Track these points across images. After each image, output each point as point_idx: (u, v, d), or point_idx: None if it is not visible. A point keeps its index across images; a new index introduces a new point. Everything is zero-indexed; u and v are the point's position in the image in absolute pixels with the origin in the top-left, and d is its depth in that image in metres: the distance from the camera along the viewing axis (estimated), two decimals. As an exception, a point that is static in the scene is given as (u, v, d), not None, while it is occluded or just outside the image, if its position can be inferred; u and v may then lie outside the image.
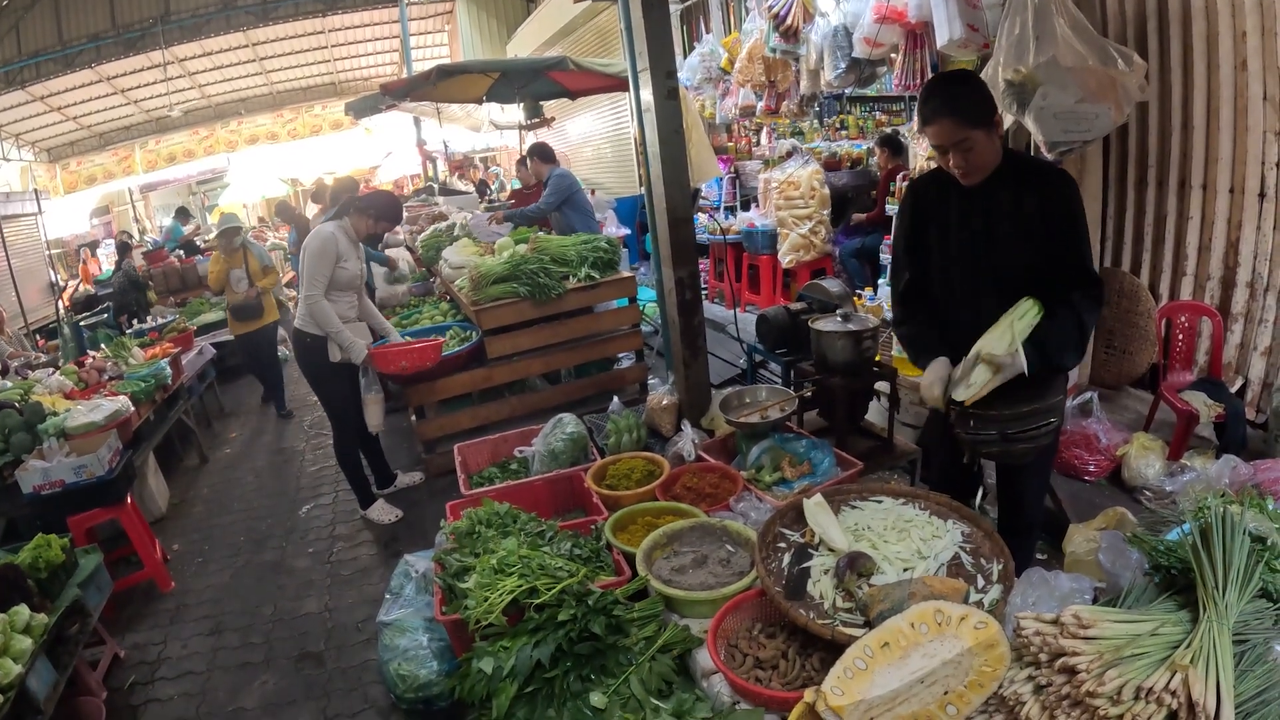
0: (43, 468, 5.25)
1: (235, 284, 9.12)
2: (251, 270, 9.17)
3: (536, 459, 5.03)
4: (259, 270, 9.26)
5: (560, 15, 16.27)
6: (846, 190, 9.80)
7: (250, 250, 9.28)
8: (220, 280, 9.24)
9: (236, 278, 9.10)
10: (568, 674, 2.90)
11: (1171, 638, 2.15)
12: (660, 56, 5.27)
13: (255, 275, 9.19)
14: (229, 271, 9.12)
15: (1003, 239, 3.21)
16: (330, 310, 5.62)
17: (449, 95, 11.13)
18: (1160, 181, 5.54)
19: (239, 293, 9.11)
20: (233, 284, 9.12)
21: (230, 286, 9.16)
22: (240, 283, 9.10)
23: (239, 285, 9.11)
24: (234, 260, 9.16)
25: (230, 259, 9.18)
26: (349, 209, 5.91)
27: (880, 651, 2.26)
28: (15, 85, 21.17)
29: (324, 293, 5.63)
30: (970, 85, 3.17)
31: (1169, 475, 4.50)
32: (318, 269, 5.64)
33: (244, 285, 9.10)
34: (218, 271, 9.24)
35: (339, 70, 28.23)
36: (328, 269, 5.63)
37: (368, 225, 5.89)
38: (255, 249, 9.43)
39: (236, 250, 9.17)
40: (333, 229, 5.78)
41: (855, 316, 4.54)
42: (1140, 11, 5.34)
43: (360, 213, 5.85)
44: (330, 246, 5.69)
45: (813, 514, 3.09)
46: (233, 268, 9.12)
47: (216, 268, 9.28)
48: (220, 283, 9.26)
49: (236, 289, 9.12)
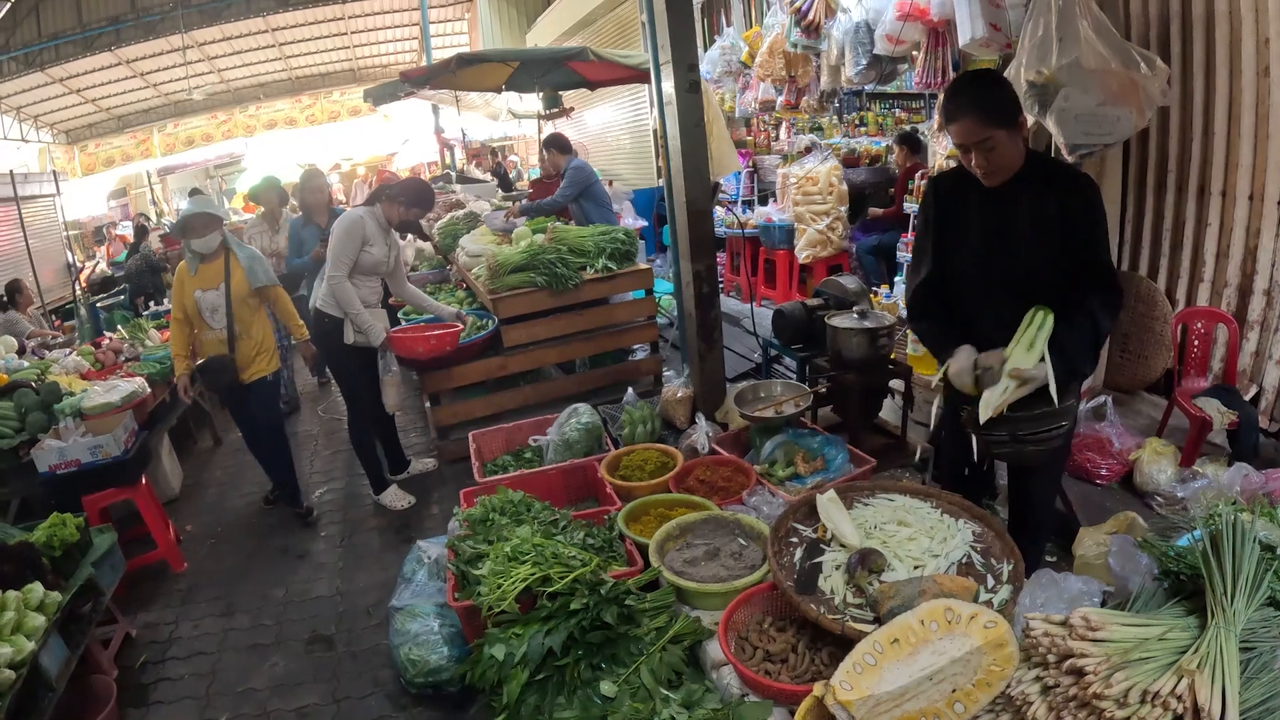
0: (59, 447, 5.30)
1: (209, 315, 5.75)
2: (235, 291, 5.78)
3: (551, 448, 5.06)
4: (245, 295, 5.82)
5: (580, 5, 16.26)
6: (864, 187, 9.80)
7: (235, 256, 5.84)
8: (182, 324, 5.85)
9: (207, 304, 5.73)
10: (579, 662, 2.93)
11: (1179, 643, 2.17)
12: (682, 50, 5.28)
13: (241, 305, 5.81)
14: (196, 297, 5.73)
15: (1023, 240, 3.21)
16: (353, 292, 5.68)
17: (468, 84, 11.17)
18: (1180, 186, 5.54)
19: (213, 330, 5.79)
20: (204, 315, 5.75)
21: (200, 323, 5.80)
22: (216, 314, 5.74)
23: (213, 320, 5.76)
24: (207, 275, 5.77)
25: (200, 274, 5.78)
26: (380, 195, 5.96)
27: (890, 648, 2.28)
28: (35, 67, 21.35)
29: (348, 274, 5.68)
30: (996, 85, 3.17)
31: (1181, 481, 4.50)
32: (344, 250, 5.71)
33: (220, 318, 5.76)
34: (177, 304, 5.84)
35: (358, 57, 28.28)
36: (354, 251, 5.69)
37: (399, 212, 5.94)
38: (245, 256, 5.92)
39: (214, 257, 5.79)
40: (362, 213, 5.87)
41: (871, 314, 4.56)
42: (1164, 14, 5.33)
43: (391, 200, 5.90)
44: (357, 229, 5.77)
45: (825, 510, 3.10)
46: (203, 288, 5.74)
47: (178, 296, 5.83)
48: (182, 333, 5.87)
49: (211, 323, 5.77)
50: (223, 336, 5.82)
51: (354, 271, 5.74)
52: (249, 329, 5.91)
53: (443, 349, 6.22)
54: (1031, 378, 3.00)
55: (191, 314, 5.82)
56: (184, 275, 5.82)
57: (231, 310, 5.79)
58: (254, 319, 5.94)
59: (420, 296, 6.67)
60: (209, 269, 5.79)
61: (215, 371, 5.84)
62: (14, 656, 3.39)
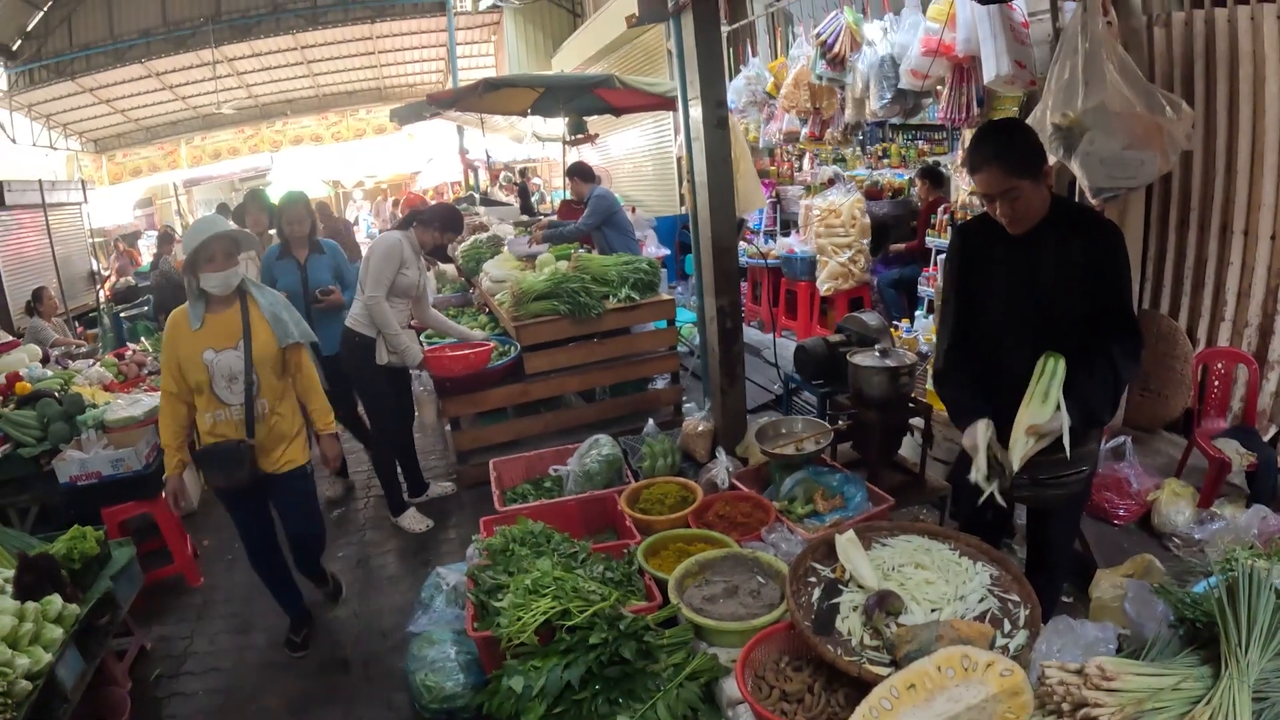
0: (80, 458, 5.38)
1: (223, 387, 4.30)
2: (260, 351, 4.35)
3: (571, 478, 5.08)
4: (273, 357, 4.41)
5: (606, 31, 16.37)
6: (887, 220, 9.80)
7: (256, 302, 4.42)
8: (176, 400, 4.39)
9: (223, 370, 4.26)
10: (596, 696, 2.95)
11: (1192, 693, 2.18)
12: (711, 85, 5.33)
13: (268, 371, 4.40)
14: (206, 360, 4.25)
15: (1047, 285, 3.23)
16: (391, 313, 5.79)
17: (494, 107, 11.24)
18: (1202, 225, 5.55)
19: (228, 407, 4.34)
20: (216, 386, 4.29)
21: (208, 397, 4.32)
22: (234, 384, 4.30)
23: (230, 393, 4.31)
24: (219, 329, 4.29)
25: (209, 328, 4.30)
26: (414, 220, 6.06)
27: (906, 693, 2.30)
28: (65, 76, 21.61)
29: (386, 295, 5.77)
30: (1020, 135, 3.19)
31: (1198, 523, 4.51)
32: (383, 271, 5.81)
33: (238, 391, 4.31)
34: (170, 370, 4.34)
35: (385, 76, 28.43)
36: (392, 272, 5.80)
37: (433, 237, 6.07)
38: (268, 301, 4.47)
39: (227, 304, 4.36)
40: (399, 236, 5.98)
41: (893, 352, 4.58)
42: (1188, 53, 5.36)
43: (425, 225, 6.02)
44: (396, 251, 5.88)
45: (844, 550, 3.12)
46: (214, 348, 4.26)
47: (170, 359, 4.33)
48: (177, 414, 4.42)
49: (226, 398, 4.31)
50: (240, 416, 4.35)
51: (390, 292, 5.82)
52: (277, 404, 4.50)
53: (479, 367, 6.34)
54: (1050, 432, 3.02)
55: (195, 384, 4.29)
56: (180, 329, 4.27)
57: (255, 379, 4.33)
58: (284, 390, 4.56)
59: (443, 320, 6.78)
60: (221, 321, 4.29)
61: (222, 462, 4.35)
62: (31, 667, 3.43)
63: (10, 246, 13.57)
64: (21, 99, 21.43)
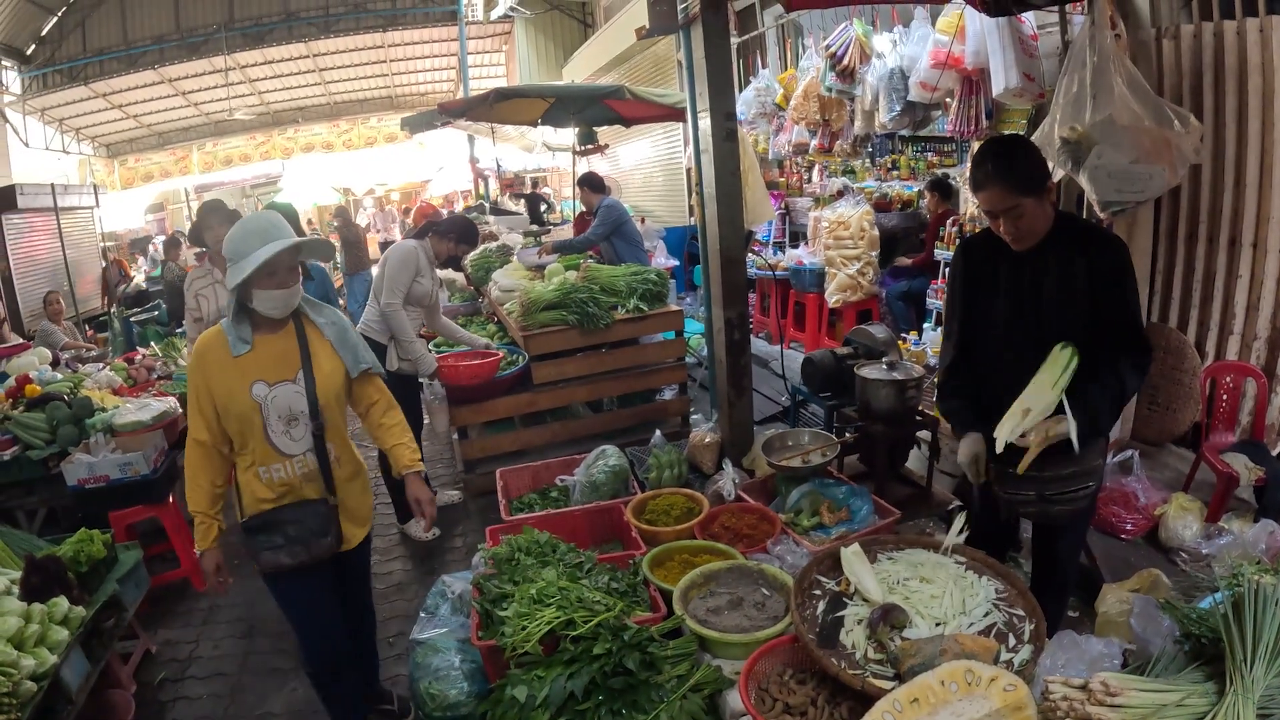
0: (88, 462, 5.39)
1: (280, 431, 3.44)
2: (326, 384, 3.53)
3: (577, 489, 5.08)
4: (341, 391, 3.62)
5: (617, 42, 16.38)
6: (896, 232, 9.81)
7: (313, 321, 3.60)
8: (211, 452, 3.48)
9: (281, 409, 3.43)
10: (599, 707, 2.94)
11: (1197, 709, 2.17)
12: (720, 98, 5.34)
13: (335, 409, 3.60)
14: (258, 397, 3.38)
15: (1051, 301, 3.25)
16: (407, 320, 5.86)
17: (505, 116, 11.26)
18: (1210, 238, 5.53)
19: (288, 459, 3.49)
20: (271, 431, 3.42)
21: (260, 444, 3.44)
22: (295, 426, 3.47)
23: (291, 439, 3.47)
24: (272, 357, 3.45)
25: (258, 355, 3.43)
26: (430, 230, 6.11)
27: (909, 707, 2.29)
28: (79, 81, 21.75)
29: (402, 303, 5.81)
30: (1023, 152, 3.22)
31: (1206, 538, 4.48)
32: (399, 278, 5.87)
33: (302, 435, 3.48)
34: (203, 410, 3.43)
35: (396, 85, 28.52)
36: (408, 280, 5.87)
37: (448, 248, 6.14)
38: (328, 319, 3.66)
39: (280, 324, 3.51)
40: (415, 245, 6.07)
41: (900, 365, 4.57)
42: (1196, 66, 5.35)
43: (441, 236, 6.11)
44: (411, 259, 5.96)
45: (849, 563, 3.12)
46: (267, 379, 3.41)
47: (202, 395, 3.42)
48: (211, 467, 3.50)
49: (285, 446, 3.47)
50: (311, 467, 3.52)
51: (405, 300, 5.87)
52: (342, 451, 3.69)
53: (489, 375, 6.37)
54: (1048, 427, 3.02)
55: (240, 430, 3.41)
56: (213, 357, 3.37)
57: (323, 419, 3.50)
58: (344, 434, 3.74)
59: (454, 328, 6.84)
60: (273, 345, 3.44)
61: (302, 530, 3.48)
62: (36, 669, 3.46)
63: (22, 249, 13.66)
64: (35, 103, 21.53)
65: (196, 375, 3.44)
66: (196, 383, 3.43)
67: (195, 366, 3.45)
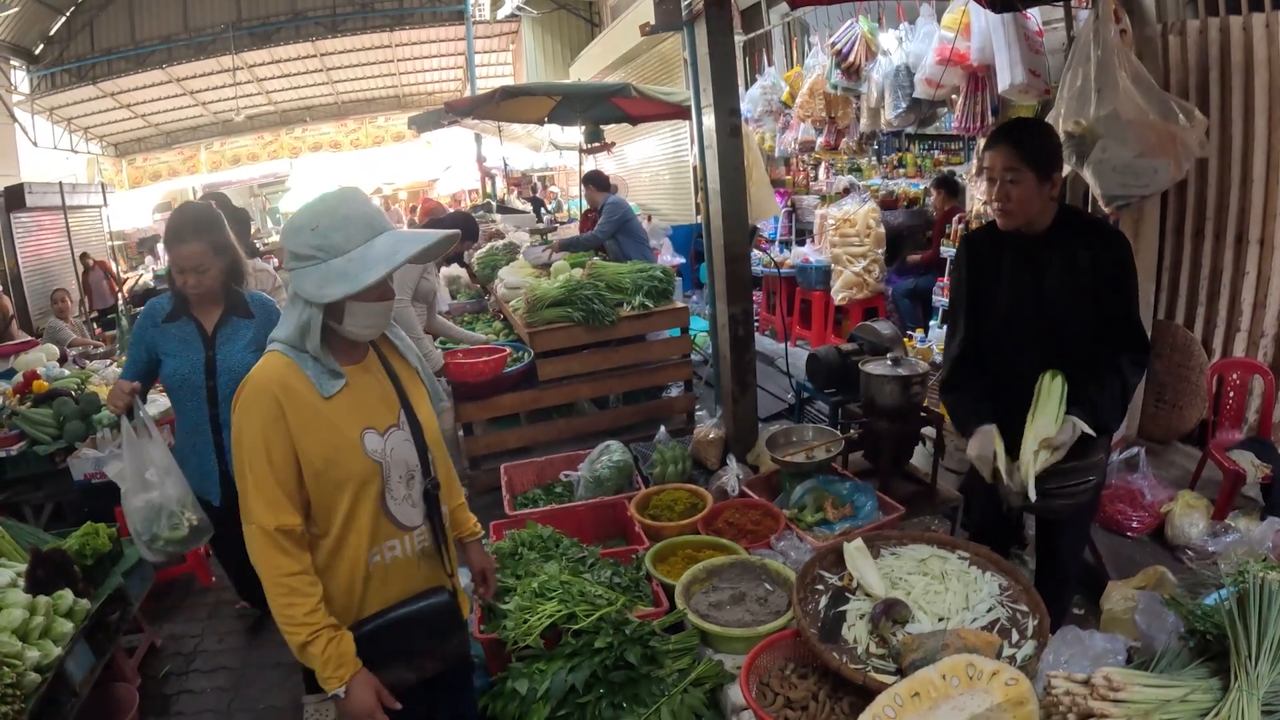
0: (95, 457, 5.41)
1: (399, 495, 2.58)
2: (430, 426, 2.76)
3: (581, 484, 5.08)
4: (439, 437, 2.83)
5: (623, 41, 16.40)
6: (902, 229, 9.80)
7: (398, 350, 2.77)
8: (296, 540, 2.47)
9: (400, 465, 2.58)
10: (600, 700, 2.94)
11: (1201, 705, 2.16)
12: (724, 94, 5.32)
13: (440, 456, 2.82)
14: (369, 447, 2.49)
15: (1053, 294, 3.24)
16: (415, 317, 5.83)
17: (511, 115, 11.28)
18: (1217, 235, 5.52)
19: (408, 533, 2.62)
20: (390, 495, 2.55)
21: (374, 515, 2.53)
22: (412, 485, 2.63)
23: (411, 505, 2.63)
24: (370, 396, 2.56)
25: (354, 393, 2.51)
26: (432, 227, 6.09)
27: (910, 701, 2.28)
28: (87, 80, 21.82)
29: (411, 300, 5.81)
30: (1043, 130, 3.33)
31: (1212, 535, 4.47)
32: (407, 275, 5.85)
33: (419, 506, 2.66)
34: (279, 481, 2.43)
35: (403, 84, 28.54)
36: (416, 276, 5.88)
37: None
38: (407, 344, 2.82)
39: (361, 353, 2.61)
40: None
41: (905, 361, 4.55)
42: (1203, 62, 5.33)
43: None
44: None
45: (852, 558, 3.11)
46: (376, 427, 2.53)
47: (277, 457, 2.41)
48: (298, 563, 2.46)
49: (407, 516, 2.61)
50: (427, 542, 2.71)
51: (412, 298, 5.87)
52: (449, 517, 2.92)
53: (496, 372, 6.33)
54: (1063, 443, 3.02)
55: (352, 500, 2.50)
56: (297, 402, 2.41)
57: (436, 475, 2.75)
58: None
59: (450, 326, 6.82)
60: (367, 379, 2.60)
61: (432, 632, 2.66)
62: (41, 660, 3.46)
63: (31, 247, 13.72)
64: (43, 102, 21.60)
65: (267, 431, 2.39)
66: (269, 441, 2.39)
67: (263, 418, 2.39)
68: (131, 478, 3.77)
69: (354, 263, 2.36)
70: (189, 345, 3.99)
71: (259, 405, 2.40)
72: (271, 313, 4.09)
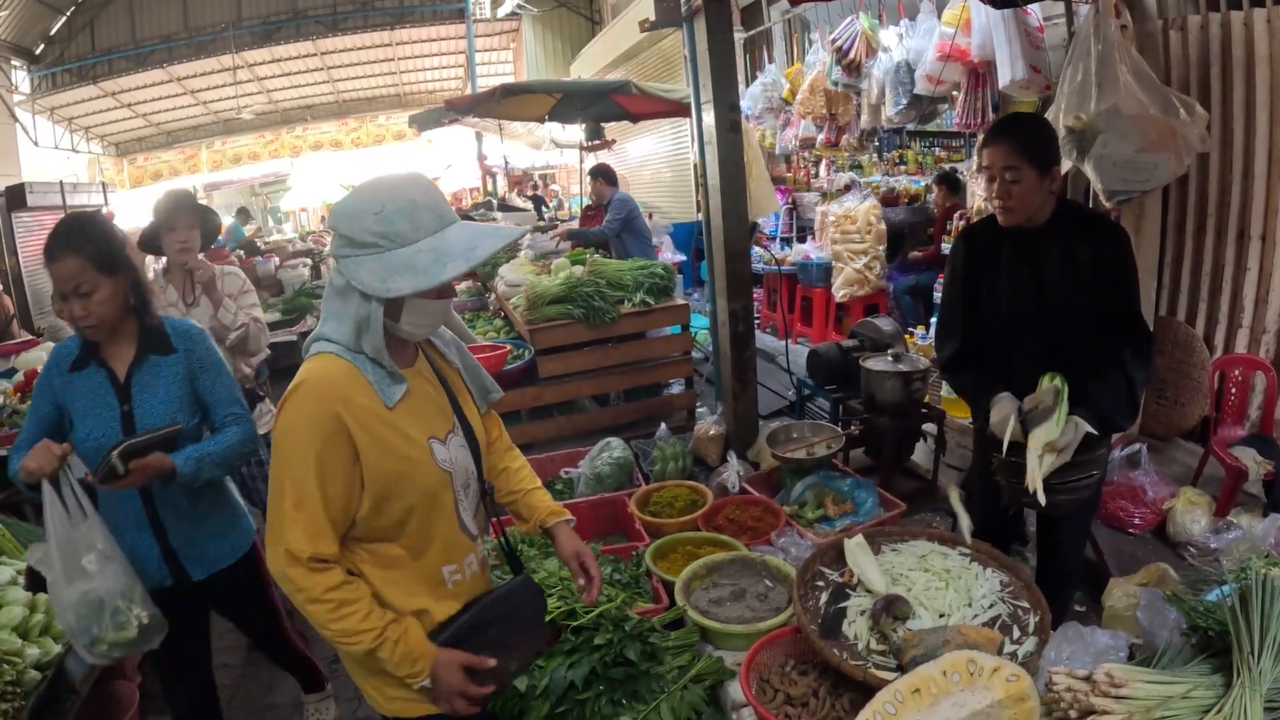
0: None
1: (465, 510, 2.46)
2: (479, 430, 2.57)
3: (582, 481, 5.07)
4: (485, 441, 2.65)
5: (624, 39, 16.38)
6: (903, 226, 9.81)
7: (437, 350, 2.59)
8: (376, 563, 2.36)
9: (461, 475, 2.42)
10: (600, 697, 2.94)
11: (1203, 701, 2.15)
12: (724, 89, 5.31)
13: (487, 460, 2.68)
14: (437, 455, 2.31)
15: (1052, 289, 3.23)
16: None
17: (512, 113, 11.26)
18: (1219, 231, 5.50)
19: (474, 543, 2.52)
20: (459, 502, 2.42)
21: (448, 529, 2.39)
22: (469, 491, 2.48)
23: (473, 516, 2.53)
24: (426, 401, 2.38)
25: (415, 399, 2.32)
26: None
27: (911, 697, 2.28)
28: (87, 80, 21.84)
29: None
30: (1039, 125, 3.30)
31: (1214, 532, 4.46)
32: None
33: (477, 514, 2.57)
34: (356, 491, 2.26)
35: (404, 82, 28.53)
36: None
37: None
38: (446, 342, 2.64)
39: (411, 353, 2.42)
40: None
41: (906, 357, 4.56)
42: (1204, 58, 5.31)
43: None
44: None
45: (853, 554, 3.10)
46: (435, 435, 2.34)
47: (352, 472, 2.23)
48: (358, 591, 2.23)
49: (471, 526, 2.49)
50: (481, 554, 2.59)
51: None
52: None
53: (496, 369, 6.30)
54: (1068, 444, 3.00)
55: (424, 516, 2.32)
56: (359, 411, 2.18)
57: (485, 479, 2.62)
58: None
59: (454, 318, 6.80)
60: (420, 383, 2.40)
61: (526, 620, 2.58)
62: (41, 658, 3.46)
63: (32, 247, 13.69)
64: (44, 102, 21.61)
65: (323, 453, 2.14)
66: (324, 465, 2.15)
67: (320, 437, 2.14)
68: (61, 565, 2.94)
69: (424, 255, 2.13)
70: (99, 400, 3.12)
71: (315, 422, 2.14)
72: (199, 343, 3.24)
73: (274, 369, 10.48)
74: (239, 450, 3.20)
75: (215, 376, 3.26)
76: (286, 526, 2.13)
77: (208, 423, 3.29)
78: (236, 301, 4.76)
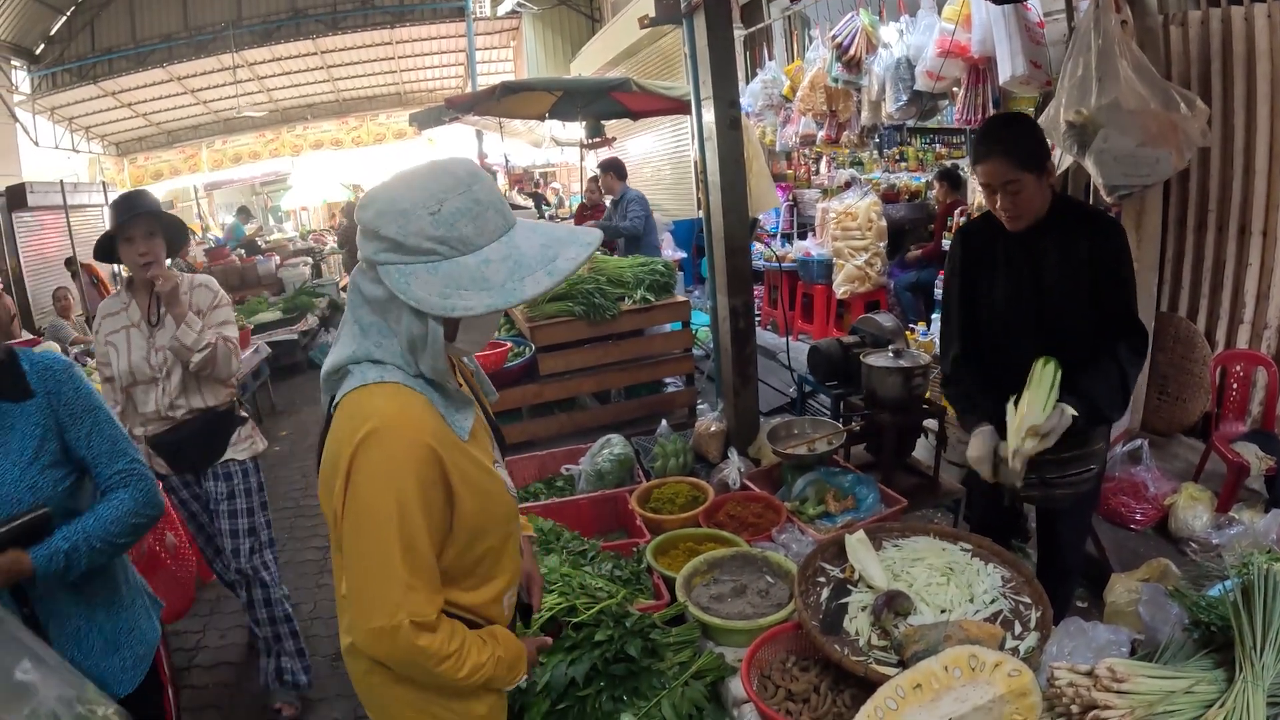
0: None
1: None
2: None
3: (582, 478, 5.06)
4: None
5: (624, 36, 16.39)
6: (904, 223, 9.81)
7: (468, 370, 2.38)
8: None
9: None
10: (600, 693, 2.93)
11: (1205, 696, 2.15)
12: (723, 86, 5.31)
13: None
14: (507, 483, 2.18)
15: (1050, 285, 3.23)
16: None
17: (512, 111, 11.25)
18: (1220, 226, 5.50)
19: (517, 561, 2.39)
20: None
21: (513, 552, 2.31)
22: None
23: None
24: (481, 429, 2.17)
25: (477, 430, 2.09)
26: None
27: (912, 693, 2.27)
28: (87, 80, 21.92)
29: None
30: (1025, 128, 3.23)
31: (1216, 528, 4.46)
32: None
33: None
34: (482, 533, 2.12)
35: (404, 81, 28.57)
36: None
37: None
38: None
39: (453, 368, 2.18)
40: None
41: (907, 353, 4.54)
42: (1204, 53, 5.31)
43: None
44: None
45: (854, 550, 3.10)
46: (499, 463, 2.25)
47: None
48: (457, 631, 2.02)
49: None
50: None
51: None
52: None
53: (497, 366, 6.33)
54: (1052, 429, 2.99)
55: (498, 546, 2.16)
56: (444, 449, 1.87)
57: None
58: None
59: None
60: (475, 408, 2.11)
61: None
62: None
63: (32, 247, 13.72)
64: (44, 102, 21.64)
65: (428, 497, 1.86)
66: (430, 510, 1.87)
67: (419, 481, 1.83)
68: None
69: (494, 266, 1.76)
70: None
71: (414, 466, 1.81)
72: (66, 383, 2.37)
73: (274, 368, 10.55)
74: (131, 523, 2.38)
75: (92, 425, 2.40)
76: (403, 595, 1.82)
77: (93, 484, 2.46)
78: (206, 318, 4.22)
